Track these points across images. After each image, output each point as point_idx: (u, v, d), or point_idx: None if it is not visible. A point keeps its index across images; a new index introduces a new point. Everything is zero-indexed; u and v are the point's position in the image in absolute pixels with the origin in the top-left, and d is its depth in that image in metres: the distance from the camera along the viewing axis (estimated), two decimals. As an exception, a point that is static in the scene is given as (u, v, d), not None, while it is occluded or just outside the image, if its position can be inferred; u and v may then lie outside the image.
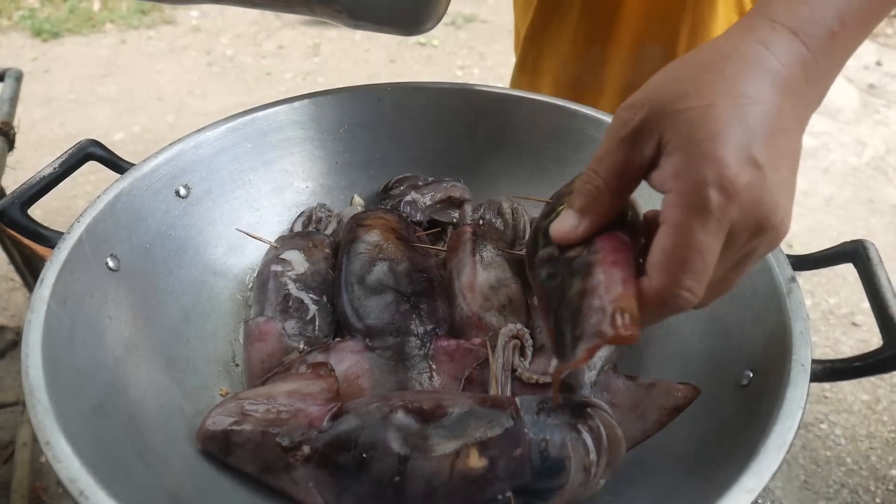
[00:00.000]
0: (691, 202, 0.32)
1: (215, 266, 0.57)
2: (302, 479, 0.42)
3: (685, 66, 0.35)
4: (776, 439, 0.37)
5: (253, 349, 0.51)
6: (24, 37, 2.82)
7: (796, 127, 0.35)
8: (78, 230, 0.47)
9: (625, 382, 0.48)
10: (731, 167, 0.31)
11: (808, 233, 1.89)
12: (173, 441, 0.43)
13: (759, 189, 0.32)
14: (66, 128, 2.31)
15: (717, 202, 0.31)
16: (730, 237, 0.33)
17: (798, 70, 0.34)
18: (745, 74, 0.33)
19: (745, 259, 0.35)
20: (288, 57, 2.74)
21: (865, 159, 2.19)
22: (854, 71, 2.58)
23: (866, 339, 1.59)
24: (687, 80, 0.34)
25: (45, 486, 1.32)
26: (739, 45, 0.34)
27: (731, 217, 0.32)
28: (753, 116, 0.32)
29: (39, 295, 0.42)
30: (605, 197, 0.37)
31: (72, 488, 0.33)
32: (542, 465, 0.40)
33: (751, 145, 0.32)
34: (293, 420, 0.43)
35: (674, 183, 0.33)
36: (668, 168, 0.33)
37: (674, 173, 0.33)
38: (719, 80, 0.33)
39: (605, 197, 0.37)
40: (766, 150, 0.32)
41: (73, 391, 0.39)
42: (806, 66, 0.34)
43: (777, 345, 0.43)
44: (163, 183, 0.55)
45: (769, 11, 0.35)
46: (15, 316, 1.66)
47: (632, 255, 0.36)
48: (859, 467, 1.38)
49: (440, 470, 0.40)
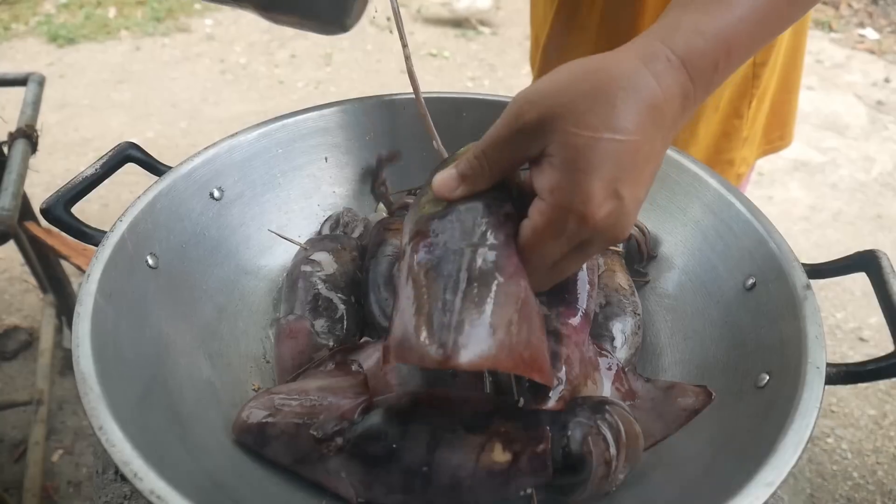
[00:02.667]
0: (553, 219, 0.38)
1: (247, 266, 0.59)
2: (334, 470, 0.43)
3: (583, 79, 0.37)
4: (793, 437, 0.38)
5: (284, 346, 0.53)
6: (41, 42, 2.87)
7: (662, 150, 0.39)
8: (120, 229, 0.49)
9: (644, 384, 0.49)
10: (595, 202, 0.36)
11: (815, 248, 1.91)
12: (211, 431, 0.45)
13: (616, 217, 0.37)
14: (80, 132, 2.34)
15: (572, 228, 0.37)
16: (579, 246, 0.39)
17: (678, 102, 0.38)
18: (629, 108, 0.36)
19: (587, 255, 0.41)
20: (300, 66, 2.77)
21: (873, 175, 2.21)
22: (862, 88, 2.60)
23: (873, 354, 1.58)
24: (579, 99, 0.37)
25: (57, 485, 1.34)
26: (634, 73, 0.37)
27: (582, 238, 0.38)
28: (627, 153, 0.36)
29: (87, 289, 0.44)
30: (485, 173, 0.42)
31: (126, 470, 0.35)
32: (565, 461, 0.41)
33: (618, 181, 0.36)
34: (326, 413, 0.45)
35: (546, 195, 0.38)
36: (546, 179, 0.38)
37: (549, 187, 0.38)
38: (607, 110, 0.36)
39: (486, 173, 0.42)
40: (631, 185, 0.37)
41: (121, 381, 0.41)
42: (686, 98, 0.38)
43: (793, 349, 0.44)
44: (199, 185, 0.57)
45: (671, 39, 0.38)
46: (28, 316, 1.69)
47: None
48: (866, 482, 1.38)
49: (466, 462, 0.42)
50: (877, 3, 3.10)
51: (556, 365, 0.44)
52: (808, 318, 0.45)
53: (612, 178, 0.36)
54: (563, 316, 0.48)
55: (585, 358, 0.48)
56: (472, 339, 0.36)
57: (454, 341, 0.36)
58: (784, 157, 2.25)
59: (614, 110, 0.36)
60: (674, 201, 0.61)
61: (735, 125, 0.82)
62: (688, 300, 0.57)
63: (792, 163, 2.25)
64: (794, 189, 2.15)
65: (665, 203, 0.61)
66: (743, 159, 0.86)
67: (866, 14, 3.07)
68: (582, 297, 0.50)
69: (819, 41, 2.89)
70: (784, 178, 2.19)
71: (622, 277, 0.58)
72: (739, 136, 0.83)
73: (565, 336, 0.46)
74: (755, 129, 0.85)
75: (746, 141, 0.84)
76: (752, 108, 0.81)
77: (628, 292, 0.57)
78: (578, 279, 0.51)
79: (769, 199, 2.09)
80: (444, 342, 0.36)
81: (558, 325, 0.47)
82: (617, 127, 0.36)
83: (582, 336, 0.48)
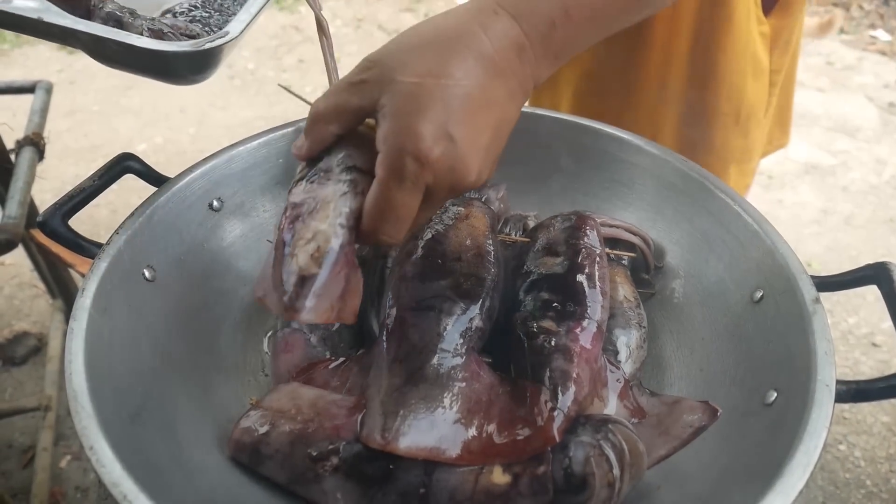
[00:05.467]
0: (392, 166, 0.38)
1: (247, 277, 0.58)
2: (330, 490, 0.42)
3: (416, 35, 0.40)
4: (801, 458, 0.37)
5: (280, 360, 0.52)
6: (51, 49, 2.88)
7: (506, 100, 0.40)
8: (117, 242, 0.49)
9: (649, 399, 0.48)
10: (426, 141, 0.37)
11: (827, 252, 1.88)
12: (207, 449, 0.44)
13: (452, 159, 0.38)
14: (90, 138, 2.36)
15: (412, 169, 0.38)
16: (428, 194, 0.40)
17: (512, 53, 0.39)
18: (456, 55, 0.38)
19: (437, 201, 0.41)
20: (308, 71, 2.77)
21: (885, 178, 2.18)
22: (873, 89, 2.57)
23: (886, 360, 1.58)
24: (409, 52, 0.39)
25: (64, 491, 1.34)
26: (461, 25, 0.39)
27: (425, 181, 0.38)
28: (455, 97, 0.37)
29: (81, 304, 0.44)
30: (322, 125, 0.43)
31: (115, 492, 0.34)
32: (566, 483, 0.40)
33: (447, 122, 0.37)
34: (320, 430, 0.44)
35: (382, 145, 0.39)
36: (381, 130, 0.39)
37: (383, 137, 0.39)
38: (433, 59, 0.38)
39: (322, 125, 0.43)
40: (463, 126, 0.38)
41: (114, 398, 0.41)
42: (521, 49, 0.39)
43: (801, 365, 0.43)
44: (197, 196, 0.56)
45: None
46: (37, 322, 1.69)
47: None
48: (879, 490, 1.36)
49: (464, 484, 0.41)
50: (888, 4, 3.07)
51: (566, 385, 0.44)
52: (817, 332, 0.44)
53: (441, 120, 0.37)
54: (573, 330, 0.47)
55: (595, 374, 0.46)
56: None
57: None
58: (794, 160, 2.23)
59: (440, 57, 0.38)
60: (679, 211, 0.60)
61: (756, 137, 0.81)
62: (694, 313, 0.56)
63: (803, 166, 2.22)
64: (805, 192, 2.12)
65: (670, 213, 0.60)
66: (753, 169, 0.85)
67: (878, 15, 3.03)
68: (594, 309, 0.49)
69: (830, 42, 2.86)
70: (794, 182, 2.16)
71: (627, 289, 0.57)
72: (757, 148, 0.82)
73: (575, 354, 0.45)
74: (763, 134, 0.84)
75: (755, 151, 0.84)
76: (766, 115, 0.81)
77: (633, 304, 0.56)
78: (589, 289, 0.49)
79: (779, 202, 2.07)
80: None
81: (568, 341, 0.46)
82: (443, 73, 0.37)
83: (594, 352, 0.47)
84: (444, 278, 0.49)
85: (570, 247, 0.53)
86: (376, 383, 0.45)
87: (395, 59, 0.39)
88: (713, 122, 0.78)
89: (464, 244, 0.52)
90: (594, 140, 0.65)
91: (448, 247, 0.51)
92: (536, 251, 0.55)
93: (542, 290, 0.51)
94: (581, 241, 0.53)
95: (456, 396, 0.43)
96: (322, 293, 0.39)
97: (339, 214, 0.40)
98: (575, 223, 0.55)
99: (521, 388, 0.45)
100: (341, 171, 0.42)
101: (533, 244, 0.56)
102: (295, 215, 0.41)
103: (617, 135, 0.64)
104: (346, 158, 0.43)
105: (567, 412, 0.43)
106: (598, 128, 0.65)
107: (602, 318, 0.49)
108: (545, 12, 0.39)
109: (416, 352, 0.45)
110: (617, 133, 0.64)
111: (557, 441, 0.41)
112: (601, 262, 0.53)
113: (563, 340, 0.46)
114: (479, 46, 0.38)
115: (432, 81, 0.37)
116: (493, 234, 0.54)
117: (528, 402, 0.44)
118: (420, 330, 0.46)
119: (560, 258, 0.53)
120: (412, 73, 0.38)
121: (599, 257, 0.53)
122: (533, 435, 0.42)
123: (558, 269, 0.52)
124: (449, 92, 0.37)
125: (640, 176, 0.63)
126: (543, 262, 0.53)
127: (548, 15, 0.39)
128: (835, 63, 2.74)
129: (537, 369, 0.45)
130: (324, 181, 0.42)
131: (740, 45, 0.73)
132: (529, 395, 0.44)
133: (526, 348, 0.47)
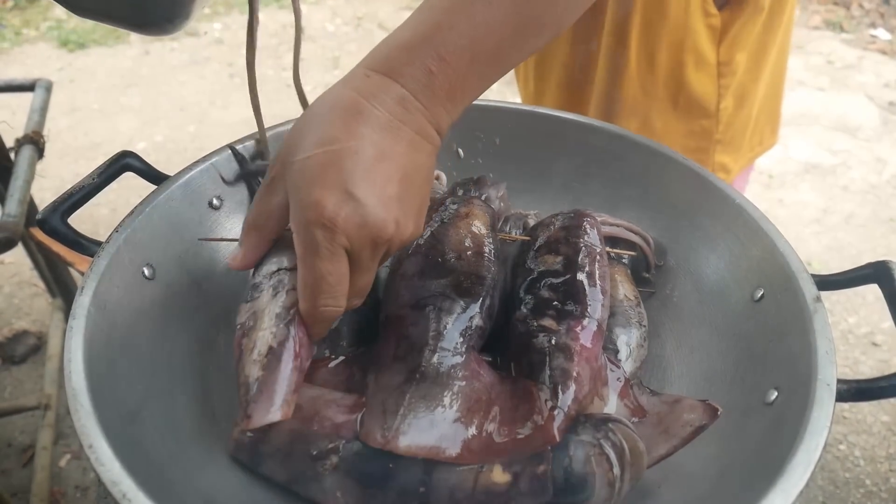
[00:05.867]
0: (304, 241, 0.39)
1: (246, 276, 0.58)
2: (330, 489, 0.42)
3: (303, 120, 0.41)
4: (802, 457, 0.37)
5: (281, 358, 0.52)
6: (51, 47, 2.88)
7: (407, 150, 0.40)
8: (117, 240, 0.49)
9: (649, 398, 0.48)
10: (329, 207, 0.37)
11: (827, 251, 1.88)
12: (206, 448, 0.44)
13: (360, 216, 0.38)
14: (90, 137, 2.36)
15: (323, 237, 0.38)
16: (353, 257, 0.40)
17: (394, 105, 0.39)
18: (338, 121, 0.39)
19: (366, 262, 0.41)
20: (308, 69, 2.77)
21: (886, 177, 2.18)
22: (874, 89, 2.57)
23: (886, 360, 1.58)
24: (299, 135, 0.40)
25: (64, 490, 1.34)
26: (337, 96, 0.40)
27: (341, 244, 0.38)
28: (347, 158, 0.38)
29: (80, 302, 0.44)
30: (252, 233, 0.44)
31: (114, 491, 0.34)
32: (566, 482, 0.40)
33: (346, 183, 0.38)
34: (320, 429, 0.44)
35: (293, 227, 0.40)
36: (290, 213, 0.40)
37: (292, 217, 0.40)
38: (316, 132, 0.39)
39: (253, 233, 0.44)
40: (363, 183, 0.38)
41: (113, 397, 0.41)
42: (403, 100, 0.39)
43: (802, 364, 0.43)
44: (197, 194, 0.56)
45: (367, 62, 0.41)
46: (37, 321, 1.69)
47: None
48: (879, 489, 1.36)
49: (464, 483, 0.41)
50: (889, 3, 3.07)
51: (566, 384, 0.43)
52: (817, 332, 0.44)
53: (339, 183, 0.38)
54: (573, 329, 0.47)
55: (595, 373, 0.46)
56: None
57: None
58: (795, 159, 2.23)
59: (319, 128, 0.39)
60: (680, 209, 0.60)
61: (703, 125, 0.81)
62: (694, 311, 0.56)
63: (803, 165, 2.22)
64: (805, 191, 2.12)
65: (671, 211, 0.60)
66: (721, 165, 0.84)
67: (878, 14, 3.03)
68: (594, 307, 0.49)
69: (830, 42, 2.86)
70: (795, 181, 2.16)
71: (627, 287, 0.57)
72: (710, 138, 0.81)
73: (576, 352, 0.45)
74: (731, 134, 0.83)
75: (720, 144, 0.82)
76: (721, 109, 0.80)
77: (634, 303, 0.56)
78: (589, 287, 0.49)
79: (780, 201, 2.07)
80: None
81: (568, 340, 0.46)
82: (324, 140, 0.38)
83: (594, 351, 0.47)
84: (444, 277, 0.49)
85: (570, 245, 0.53)
86: (376, 382, 0.45)
87: (289, 147, 0.40)
88: (654, 106, 0.80)
89: (464, 243, 0.52)
90: (595, 138, 0.65)
91: (448, 245, 0.51)
92: (536, 249, 0.55)
93: (542, 289, 0.51)
94: (581, 240, 0.53)
95: (456, 395, 0.43)
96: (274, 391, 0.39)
97: (274, 315, 0.42)
98: (575, 221, 0.55)
99: (521, 387, 0.45)
100: (268, 278, 0.44)
101: (533, 242, 0.56)
102: (241, 334, 0.42)
103: (618, 133, 0.64)
104: (272, 265, 0.44)
105: (567, 411, 0.43)
106: (599, 126, 0.65)
107: (602, 317, 0.49)
108: (418, 63, 0.39)
109: (416, 350, 0.45)
110: (618, 131, 0.64)
111: (557, 440, 0.41)
112: (601, 261, 0.53)
113: (563, 339, 0.46)
114: (358, 108, 0.39)
115: (321, 151, 0.38)
116: (493, 233, 0.54)
117: (528, 401, 0.44)
118: (420, 328, 0.46)
119: (560, 257, 0.53)
120: (304, 151, 0.39)
121: (600, 256, 0.53)
122: (533, 434, 0.42)
123: (558, 268, 0.52)
124: (340, 156, 0.38)
125: (640, 174, 0.63)
126: (544, 260, 0.53)
127: (422, 64, 0.39)
128: (835, 62, 2.74)
129: (537, 368, 0.45)
130: (256, 295, 0.43)
131: (677, 35, 0.75)
132: (529, 394, 0.44)
133: (526, 347, 0.47)
